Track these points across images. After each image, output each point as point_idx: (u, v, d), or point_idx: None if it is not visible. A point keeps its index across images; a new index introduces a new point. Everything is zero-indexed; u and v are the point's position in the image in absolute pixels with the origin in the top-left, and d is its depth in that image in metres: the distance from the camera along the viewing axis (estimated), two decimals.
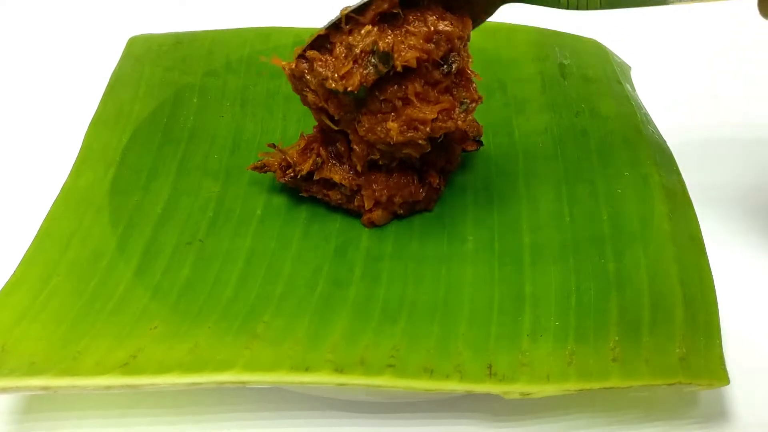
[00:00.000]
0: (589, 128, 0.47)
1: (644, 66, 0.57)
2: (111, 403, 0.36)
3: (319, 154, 0.41)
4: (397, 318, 0.36)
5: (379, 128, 0.38)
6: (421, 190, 0.42)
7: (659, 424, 0.36)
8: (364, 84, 0.36)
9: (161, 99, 0.47)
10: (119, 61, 0.51)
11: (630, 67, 0.55)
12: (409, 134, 0.38)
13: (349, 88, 0.36)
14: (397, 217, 0.42)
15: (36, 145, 0.52)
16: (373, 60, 0.36)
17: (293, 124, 0.48)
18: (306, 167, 0.41)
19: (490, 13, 0.40)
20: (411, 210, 0.42)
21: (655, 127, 0.47)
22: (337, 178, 0.41)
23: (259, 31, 0.54)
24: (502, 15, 0.56)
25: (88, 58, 0.60)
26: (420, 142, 0.38)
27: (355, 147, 0.39)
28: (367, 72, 0.36)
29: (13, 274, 0.36)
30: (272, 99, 0.50)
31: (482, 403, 0.36)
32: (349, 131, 0.39)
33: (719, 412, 0.36)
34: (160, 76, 0.49)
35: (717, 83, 0.60)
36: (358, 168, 0.40)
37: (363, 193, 0.41)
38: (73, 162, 0.42)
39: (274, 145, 0.42)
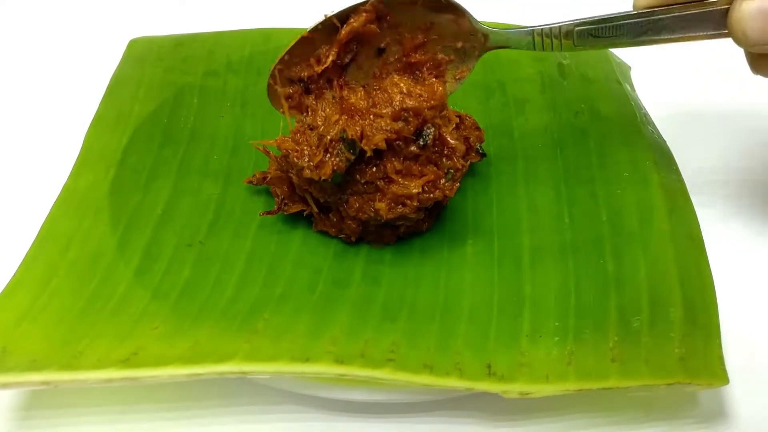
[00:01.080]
0: (589, 128, 0.47)
1: (644, 66, 0.57)
2: (111, 399, 0.36)
3: (307, 204, 0.41)
4: (397, 317, 0.36)
5: (367, 207, 0.38)
6: (428, 222, 0.42)
7: (659, 423, 0.36)
8: (337, 171, 0.37)
9: (161, 100, 0.47)
10: (120, 62, 0.51)
11: (629, 67, 0.55)
12: (398, 210, 0.38)
13: (322, 177, 0.37)
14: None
15: (36, 146, 0.52)
16: (342, 147, 0.37)
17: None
18: (295, 209, 0.41)
19: (471, 67, 0.41)
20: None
21: (654, 127, 0.47)
22: (333, 232, 0.41)
23: (259, 32, 0.54)
24: (501, 15, 0.56)
25: (89, 60, 0.60)
26: (411, 215, 0.38)
27: (348, 221, 0.40)
28: (339, 160, 0.37)
29: (14, 275, 0.36)
30: None
31: (481, 403, 0.36)
32: (340, 208, 0.39)
33: (719, 412, 0.36)
34: (160, 77, 0.49)
35: (717, 83, 0.60)
36: (352, 239, 0.40)
37: (368, 239, 0.41)
38: (73, 163, 0.42)
39: (267, 152, 0.42)
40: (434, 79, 0.38)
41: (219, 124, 0.47)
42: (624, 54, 0.55)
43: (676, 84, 0.59)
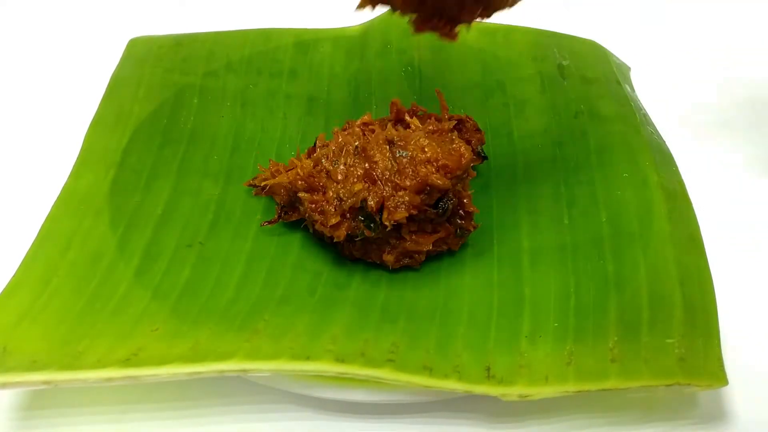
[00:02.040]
0: (589, 129, 0.47)
1: (644, 66, 0.57)
2: (111, 400, 0.36)
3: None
4: (397, 317, 0.36)
5: (374, 254, 0.38)
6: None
7: (658, 424, 0.36)
8: (351, 234, 0.37)
9: (161, 100, 0.47)
10: (119, 62, 0.51)
11: (629, 68, 0.55)
12: (405, 261, 0.39)
13: (335, 239, 0.37)
14: None
15: (36, 146, 0.52)
16: (361, 217, 0.36)
17: (294, 123, 0.48)
18: (295, 217, 0.41)
19: None
20: None
21: (654, 127, 0.47)
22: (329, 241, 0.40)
23: (259, 32, 0.54)
24: (501, 15, 0.56)
25: (89, 59, 0.60)
26: (415, 265, 0.39)
27: (347, 251, 0.39)
28: (355, 225, 0.37)
29: (14, 275, 0.36)
30: (272, 98, 0.50)
31: (481, 404, 0.36)
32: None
33: (718, 413, 0.36)
34: (160, 77, 0.49)
35: (717, 83, 0.60)
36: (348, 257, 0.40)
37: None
38: (73, 163, 0.42)
39: (278, 169, 0.41)
40: (462, 144, 0.37)
41: (219, 124, 0.47)
42: (624, 54, 0.55)
43: (676, 84, 0.59)
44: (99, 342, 0.33)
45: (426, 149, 0.37)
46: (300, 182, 0.38)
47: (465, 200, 0.39)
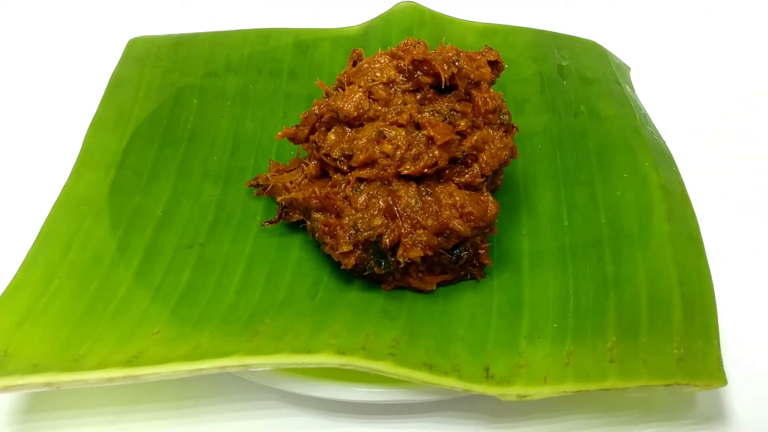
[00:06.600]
0: (588, 129, 0.47)
1: (643, 66, 0.57)
2: (110, 401, 0.36)
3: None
4: (397, 316, 0.36)
5: (371, 276, 0.38)
6: None
7: (657, 424, 0.36)
8: (359, 264, 0.37)
9: (161, 100, 0.47)
10: (119, 62, 0.51)
11: (629, 68, 0.55)
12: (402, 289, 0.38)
13: (342, 266, 0.37)
14: None
15: (36, 147, 0.52)
16: (372, 251, 0.36)
17: (294, 121, 0.48)
18: (296, 218, 0.40)
19: None
20: None
21: (654, 127, 0.47)
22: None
23: (258, 32, 0.54)
24: (500, 16, 0.56)
25: (88, 59, 0.60)
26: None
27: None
28: (366, 257, 0.36)
29: (15, 277, 0.36)
30: (272, 98, 0.50)
31: (481, 404, 0.36)
32: None
33: (717, 413, 0.36)
34: (160, 78, 0.49)
35: (716, 84, 0.60)
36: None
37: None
38: (73, 164, 0.42)
39: (278, 169, 0.41)
40: (489, 197, 0.37)
41: (219, 124, 0.47)
42: (623, 55, 0.55)
43: (676, 84, 0.59)
44: (100, 345, 0.33)
45: (454, 194, 0.36)
46: (314, 201, 0.37)
47: (481, 251, 0.38)
